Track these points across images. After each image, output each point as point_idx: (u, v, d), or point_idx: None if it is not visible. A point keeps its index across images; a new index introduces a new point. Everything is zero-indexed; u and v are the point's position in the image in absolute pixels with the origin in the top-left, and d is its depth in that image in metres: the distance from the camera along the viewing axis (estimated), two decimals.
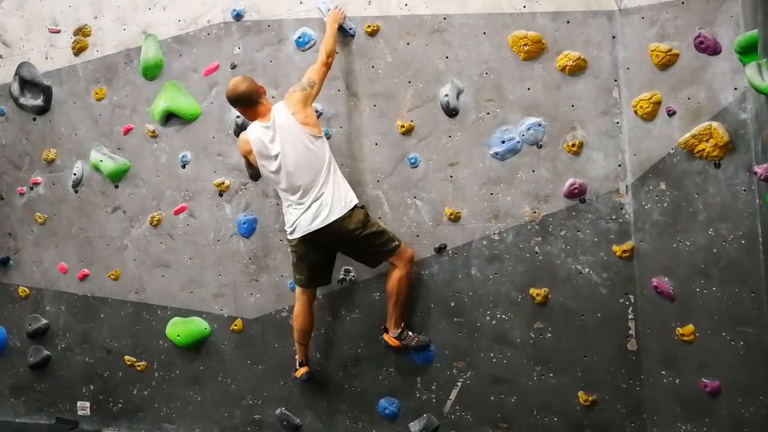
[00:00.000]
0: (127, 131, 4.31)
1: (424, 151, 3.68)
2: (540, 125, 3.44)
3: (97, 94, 4.35)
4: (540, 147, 3.46)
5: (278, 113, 3.37)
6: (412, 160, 3.70)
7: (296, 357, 3.83)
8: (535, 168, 3.47)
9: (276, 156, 3.36)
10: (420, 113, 3.67)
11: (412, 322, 3.74)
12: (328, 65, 3.50)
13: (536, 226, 3.49)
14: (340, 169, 3.66)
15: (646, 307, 3.31)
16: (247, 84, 3.42)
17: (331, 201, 3.35)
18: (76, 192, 4.48)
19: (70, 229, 4.52)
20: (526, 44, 3.42)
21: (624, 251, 3.33)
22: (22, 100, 4.53)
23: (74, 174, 4.45)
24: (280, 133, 3.35)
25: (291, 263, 3.66)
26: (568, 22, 3.35)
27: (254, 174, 3.57)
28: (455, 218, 3.64)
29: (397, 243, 3.53)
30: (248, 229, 4.05)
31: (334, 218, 3.35)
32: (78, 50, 4.37)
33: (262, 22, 3.90)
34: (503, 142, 3.52)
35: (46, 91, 4.47)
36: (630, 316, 3.36)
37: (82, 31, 4.35)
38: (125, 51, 4.26)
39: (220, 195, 4.12)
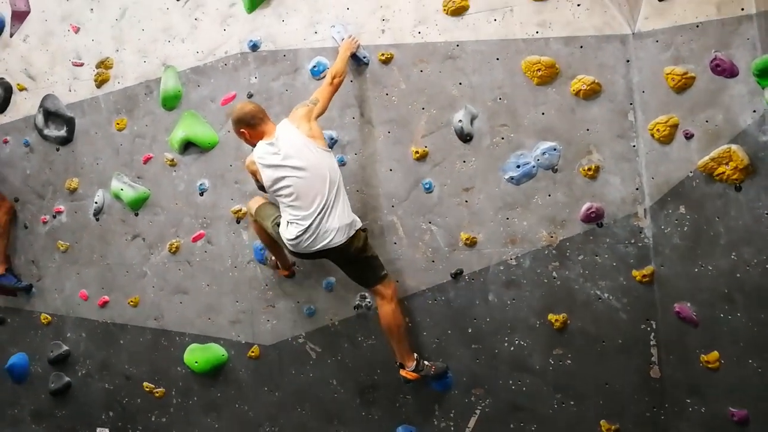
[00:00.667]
0: (147, 160, 4.38)
1: (439, 176, 3.68)
2: (555, 149, 3.42)
3: (118, 124, 4.44)
4: (556, 171, 3.43)
5: (282, 129, 3.40)
6: (427, 186, 3.69)
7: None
8: (551, 192, 3.45)
9: (280, 168, 3.32)
10: (434, 139, 3.67)
11: (428, 349, 3.71)
12: (334, 85, 3.53)
13: (553, 251, 3.45)
14: (355, 195, 3.68)
15: (669, 333, 3.24)
16: (252, 106, 3.49)
17: (338, 226, 3.32)
18: (98, 220, 4.55)
19: (91, 257, 4.59)
20: (539, 69, 3.42)
21: (644, 276, 3.27)
22: (46, 132, 4.64)
23: (96, 202, 4.52)
24: (285, 148, 3.33)
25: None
26: (581, 46, 3.34)
27: (263, 188, 3.57)
28: (471, 243, 3.61)
29: (386, 272, 3.54)
30: (263, 256, 4.06)
31: (338, 243, 3.34)
32: (100, 82, 4.47)
33: (277, 52, 3.96)
34: (518, 166, 3.50)
35: (69, 122, 4.58)
36: (652, 343, 3.29)
37: (104, 64, 4.46)
38: (145, 82, 4.35)
39: (237, 222, 4.15)
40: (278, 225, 3.49)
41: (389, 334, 3.55)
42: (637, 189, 3.28)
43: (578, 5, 3.33)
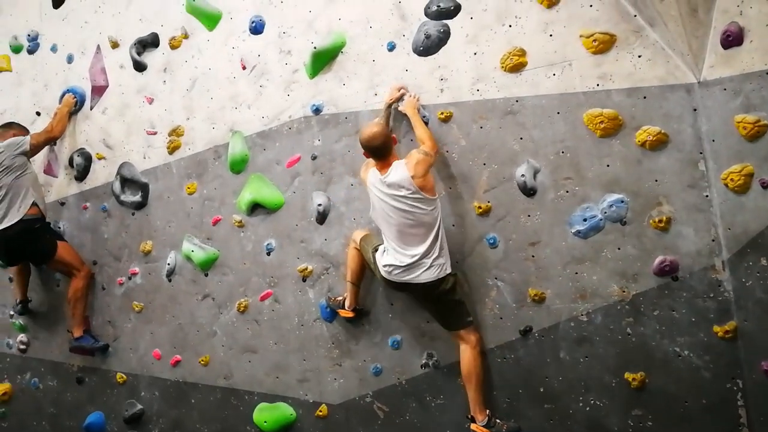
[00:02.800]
0: (216, 222, 4.53)
1: (503, 231, 3.65)
2: (623, 202, 3.35)
3: (188, 188, 4.63)
4: (624, 224, 3.35)
5: (396, 171, 3.48)
6: (491, 241, 3.67)
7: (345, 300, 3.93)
8: (621, 245, 3.36)
9: (380, 207, 3.53)
10: (497, 194, 3.66)
11: (499, 409, 3.62)
12: (436, 150, 3.62)
13: (626, 306, 3.34)
14: None
15: (758, 392, 3.06)
16: (382, 140, 3.55)
17: (429, 264, 3.44)
18: (170, 281, 4.71)
19: (164, 317, 4.74)
20: (602, 122, 3.38)
21: (726, 332, 3.12)
22: (122, 197, 4.89)
23: (168, 264, 4.70)
24: (390, 190, 3.47)
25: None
26: (644, 97, 3.30)
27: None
28: (539, 299, 3.54)
29: (471, 319, 3.59)
30: (331, 314, 4.10)
31: (425, 281, 3.45)
32: (172, 149, 4.70)
33: (339, 114, 4.08)
34: (585, 220, 3.44)
35: (144, 188, 4.81)
36: (740, 403, 3.11)
37: (175, 132, 4.69)
38: (214, 148, 4.54)
39: (304, 280, 4.22)
40: (376, 251, 3.68)
41: (467, 381, 3.53)
42: (713, 240, 3.16)
43: (639, 56, 3.31)
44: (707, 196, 3.18)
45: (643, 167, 3.31)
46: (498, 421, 3.53)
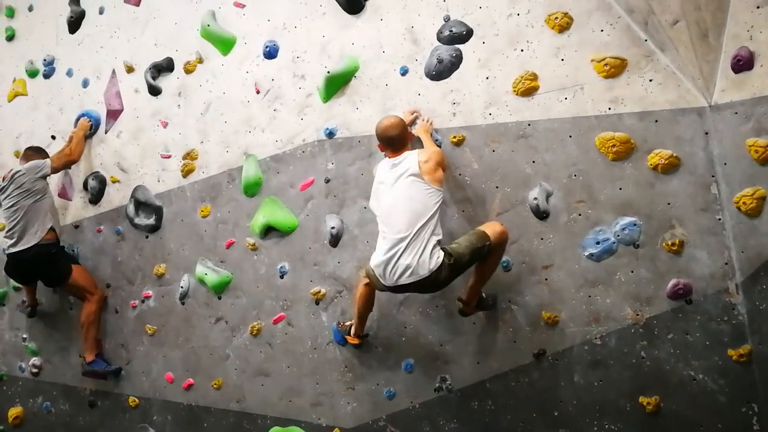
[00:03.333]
0: (230, 245, 4.56)
1: (517, 254, 3.66)
2: (635, 225, 3.37)
3: (202, 211, 4.67)
4: (637, 247, 3.36)
5: (408, 156, 3.48)
6: (505, 264, 3.68)
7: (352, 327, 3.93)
8: (634, 268, 3.37)
9: (387, 185, 3.47)
10: (510, 217, 3.68)
11: None
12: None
13: (641, 330, 3.34)
14: None
15: None
16: (399, 131, 3.57)
17: (417, 262, 3.24)
18: (183, 304, 4.73)
19: (177, 340, 4.75)
20: (614, 145, 3.41)
21: (741, 355, 3.11)
22: (136, 220, 4.93)
23: (181, 287, 4.72)
24: (401, 171, 3.43)
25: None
26: (656, 120, 3.33)
27: None
28: (553, 322, 3.55)
29: (489, 242, 3.37)
30: (344, 337, 4.09)
31: (423, 275, 3.26)
32: (186, 172, 4.75)
33: (352, 138, 4.12)
34: (598, 243, 3.45)
35: (158, 211, 4.85)
36: (755, 427, 3.09)
37: (189, 155, 4.75)
38: (228, 171, 4.59)
39: (317, 303, 4.23)
40: None
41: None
42: (726, 264, 3.17)
43: (650, 80, 3.35)
44: (720, 219, 3.19)
45: (655, 190, 3.33)
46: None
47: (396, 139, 3.58)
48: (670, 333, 3.28)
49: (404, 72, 3.98)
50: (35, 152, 4.99)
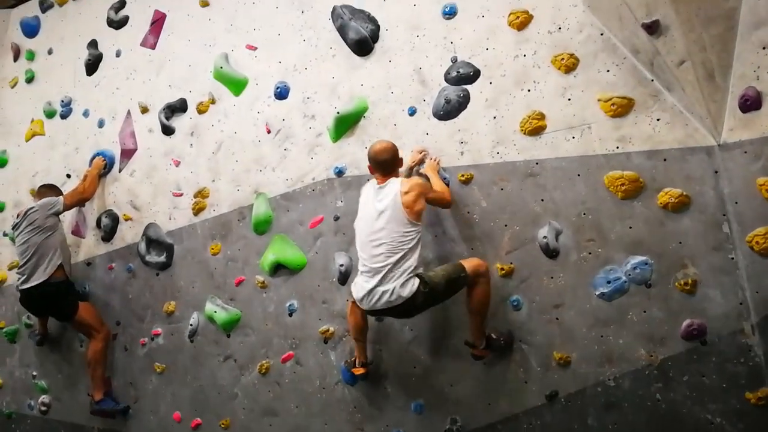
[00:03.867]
0: (239, 282, 4.57)
1: (527, 292, 3.63)
2: (647, 264, 3.33)
3: (213, 249, 4.70)
4: (649, 286, 3.32)
5: (392, 184, 3.57)
6: (515, 303, 3.65)
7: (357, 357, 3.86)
8: (647, 308, 3.32)
9: (369, 212, 3.59)
10: (519, 255, 3.66)
11: None
12: (445, 199, 3.68)
13: (655, 371, 3.28)
14: (441, 312, 3.71)
15: None
16: (389, 156, 3.66)
17: (391, 288, 3.38)
18: (192, 342, 4.72)
19: (185, 378, 4.72)
20: (623, 183, 3.40)
21: (759, 398, 3.03)
22: (147, 258, 4.97)
23: (191, 324, 4.72)
24: (383, 199, 3.53)
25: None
26: (665, 159, 3.32)
27: None
28: (565, 363, 3.49)
29: (464, 274, 3.47)
30: (353, 377, 4.06)
31: (394, 303, 3.41)
32: (197, 210, 4.80)
33: (362, 176, 4.14)
34: (609, 282, 3.42)
35: (169, 249, 4.89)
36: None
37: (201, 194, 4.80)
38: (238, 209, 4.63)
39: (325, 342, 4.20)
40: None
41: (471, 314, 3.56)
42: (740, 304, 3.12)
43: (658, 120, 3.36)
44: (733, 258, 3.15)
45: (666, 229, 3.31)
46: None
47: (387, 164, 3.66)
48: (685, 375, 3.21)
49: (412, 112, 4.02)
50: (49, 189, 5.08)
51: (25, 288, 4.79)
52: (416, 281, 3.40)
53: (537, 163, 3.64)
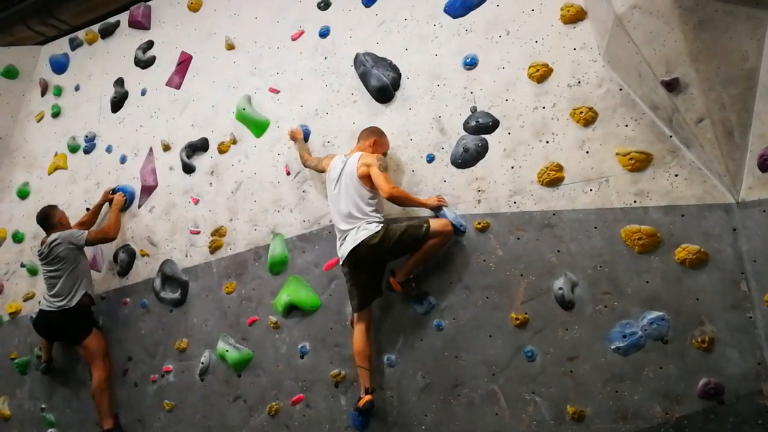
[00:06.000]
0: (252, 322, 4.57)
1: (541, 344, 3.61)
2: (663, 319, 3.31)
3: (227, 287, 4.72)
4: (666, 342, 3.29)
5: (354, 157, 3.97)
6: (529, 354, 3.62)
7: (361, 384, 3.89)
8: (663, 365, 3.29)
9: (334, 180, 4.00)
10: (534, 306, 3.65)
11: None
12: (390, 194, 3.80)
13: (671, 429, 3.23)
14: (453, 361, 3.71)
15: None
16: (371, 128, 4.13)
17: (360, 228, 3.83)
18: (202, 380, 4.70)
19: (194, 417, 4.69)
20: (640, 238, 3.41)
21: None
22: (162, 294, 4.99)
23: (202, 363, 4.71)
24: (344, 169, 3.96)
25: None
26: (682, 215, 3.33)
27: (306, 163, 4.39)
28: (579, 417, 3.44)
29: (427, 226, 3.74)
30: (363, 422, 4.02)
31: (362, 238, 3.77)
32: (214, 248, 4.84)
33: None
34: (624, 336, 3.39)
35: (184, 286, 4.91)
36: None
37: (218, 232, 4.84)
38: (255, 248, 4.66)
39: (336, 386, 4.17)
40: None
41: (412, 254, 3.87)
42: (758, 364, 3.08)
43: (676, 175, 3.38)
44: (751, 317, 3.12)
45: (683, 285, 3.29)
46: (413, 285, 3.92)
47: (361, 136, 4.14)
48: None
49: (431, 159, 4.08)
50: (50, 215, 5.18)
51: (48, 310, 4.90)
52: (380, 226, 3.82)
53: (554, 214, 3.66)
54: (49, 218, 5.13)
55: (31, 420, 5.49)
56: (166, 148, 5.24)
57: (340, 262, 3.98)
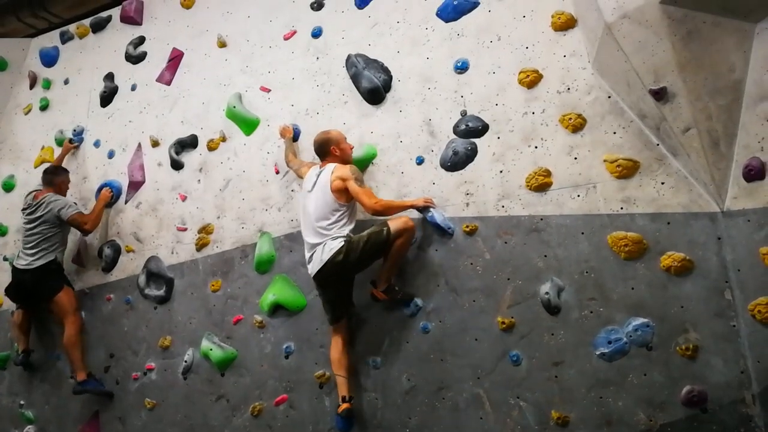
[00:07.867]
0: (237, 321, 4.54)
1: (527, 348, 3.61)
2: (648, 326, 3.33)
3: (213, 285, 4.68)
4: (650, 349, 3.31)
5: (327, 169, 3.95)
6: (515, 358, 3.62)
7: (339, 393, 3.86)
8: (647, 371, 3.30)
9: (307, 191, 4.01)
10: (520, 310, 3.66)
11: None
12: (374, 210, 3.80)
13: None
14: (439, 364, 3.69)
15: None
16: (323, 138, 4.10)
17: (324, 246, 3.81)
18: (185, 379, 4.66)
19: (176, 416, 4.64)
20: (626, 244, 3.43)
21: None
22: (146, 291, 4.95)
23: (185, 361, 4.66)
24: (318, 181, 3.94)
25: None
26: (668, 223, 3.36)
27: (289, 164, 4.41)
28: (563, 423, 3.45)
29: (387, 229, 3.73)
30: (346, 424, 3.99)
31: (327, 258, 3.77)
32: (200, 246, 4.80)
33: (366, 221, 4.12)
34: (609, 342, 3.40)
35: (169, 283, 4.87)
36: None
37: (205, 230, 4.81)
38: (241, 247, 4.64)
39: (320, 387, 4.15)
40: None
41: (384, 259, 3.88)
42: (742, 372, 3.10)
43: (662, 183, 3.40)
44: (734, 326, 3.15)
45: (668, 292, 3.31)
46: (396, 288, 3.89)
47: (318, 145, 4.10)
48: None
49: (420, 161, 4.08)
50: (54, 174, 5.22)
51: (21, 268, 4.93)
52: (343, 241, 3.79)
53: (541, 219, 3.67)
54: (55, 175, 5.18)
55: (9, 416, 5.41)
56: (155, 144, 5.21)
57: (312, 278, 3.96)
